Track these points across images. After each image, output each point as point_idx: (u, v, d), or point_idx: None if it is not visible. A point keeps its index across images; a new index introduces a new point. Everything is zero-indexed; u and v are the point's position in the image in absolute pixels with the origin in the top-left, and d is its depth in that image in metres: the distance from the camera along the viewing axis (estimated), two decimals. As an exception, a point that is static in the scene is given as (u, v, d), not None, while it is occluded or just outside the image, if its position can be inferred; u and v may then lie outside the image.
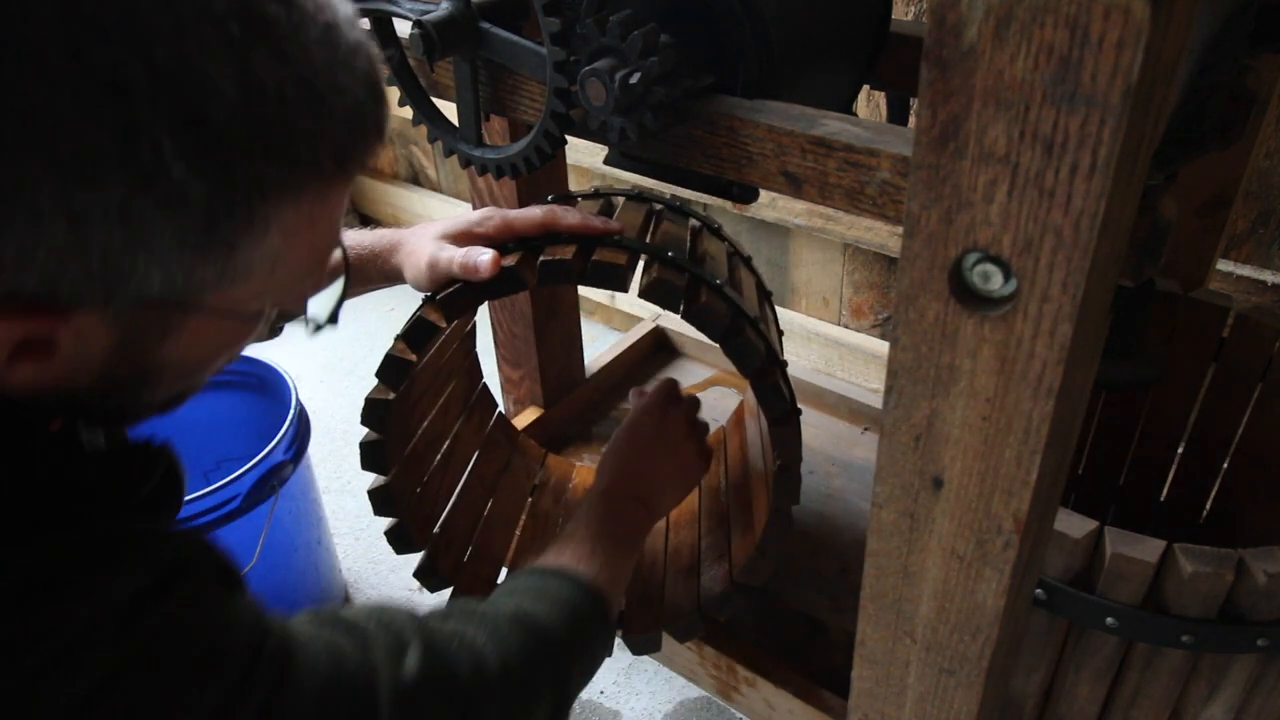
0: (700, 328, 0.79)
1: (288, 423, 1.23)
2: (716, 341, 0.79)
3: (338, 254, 0.52)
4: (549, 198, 1.01)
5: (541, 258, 0.79)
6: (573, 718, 1.30)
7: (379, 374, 0.85)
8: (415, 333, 0.84)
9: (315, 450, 1.37)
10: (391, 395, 0.86)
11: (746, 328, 0.81)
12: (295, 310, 0.50)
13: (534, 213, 0.84)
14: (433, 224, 0.87)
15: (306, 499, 1.33)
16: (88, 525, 0.43)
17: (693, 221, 0.99)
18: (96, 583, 0.41)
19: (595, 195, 0.99)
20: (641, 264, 0.82)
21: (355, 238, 0.90)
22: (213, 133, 0.37)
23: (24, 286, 0.38)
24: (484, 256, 0.80)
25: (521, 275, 0.80)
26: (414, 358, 0.84)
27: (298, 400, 1.28)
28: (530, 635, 0.65)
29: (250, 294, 0.44)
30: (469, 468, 1.10)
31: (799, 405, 0.84)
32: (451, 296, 0.81)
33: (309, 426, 1.31)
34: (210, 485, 1.16)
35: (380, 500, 0.93)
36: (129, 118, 0.35)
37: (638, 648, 0.97)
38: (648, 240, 0.86)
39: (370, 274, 0.89)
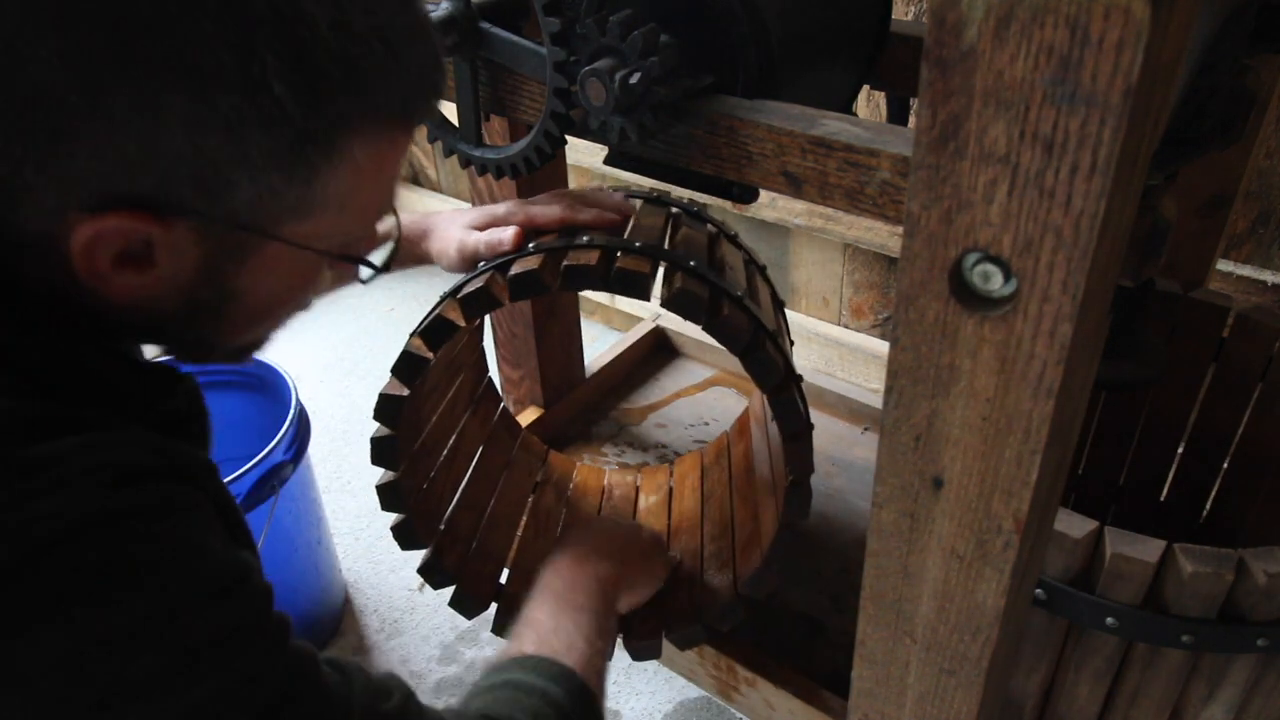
0: (722, 341, 0.78)
1: (288, 423, 1.23)
2: (737, 355, 0.79)
3: (388, 223, 0.57)
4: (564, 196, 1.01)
5: (565, 262, 0.79)
6: (573, 718, 1.30)
7: (395, 370, 0.85)
8: (434, 330, 0.83)
9: (315, 450, 1.37)
10: (406, 391, 0.86)
11: (767, 342, 0.80)
12: (356, 255, 0.55)
13: (554, 206, 0.88)
14: (461, 214, 0.91)
15: (306, 499, 1.33)
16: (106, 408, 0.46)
17: (710, 227, 0.99)
18: (95, 445, 0.43)
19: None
20: (662, 272, 0.82)
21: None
22: (312, 64, 0.42)
23: (140, 188, 0.43)
24: (507, 233, 0.84)
25: (544, 279, 0.80)
26: (431, 355, 0.84)
27: (298, 400, 1.28)
28: None
29: (320, 231, 0.49)
30: (473, 463, 1.10)
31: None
32: (472, 296, 0.81)
33: (309, 426, 1.31)
34: (210, 485, 1.16)
35: (388, 496, 0.93)
36: (249, 41, 0.41)
37: (638, 654, 0.97)
38: (667, 246, 0.86)
39: (404, 257, 0.93)
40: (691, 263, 0.81)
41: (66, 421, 0.44)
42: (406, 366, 0.84)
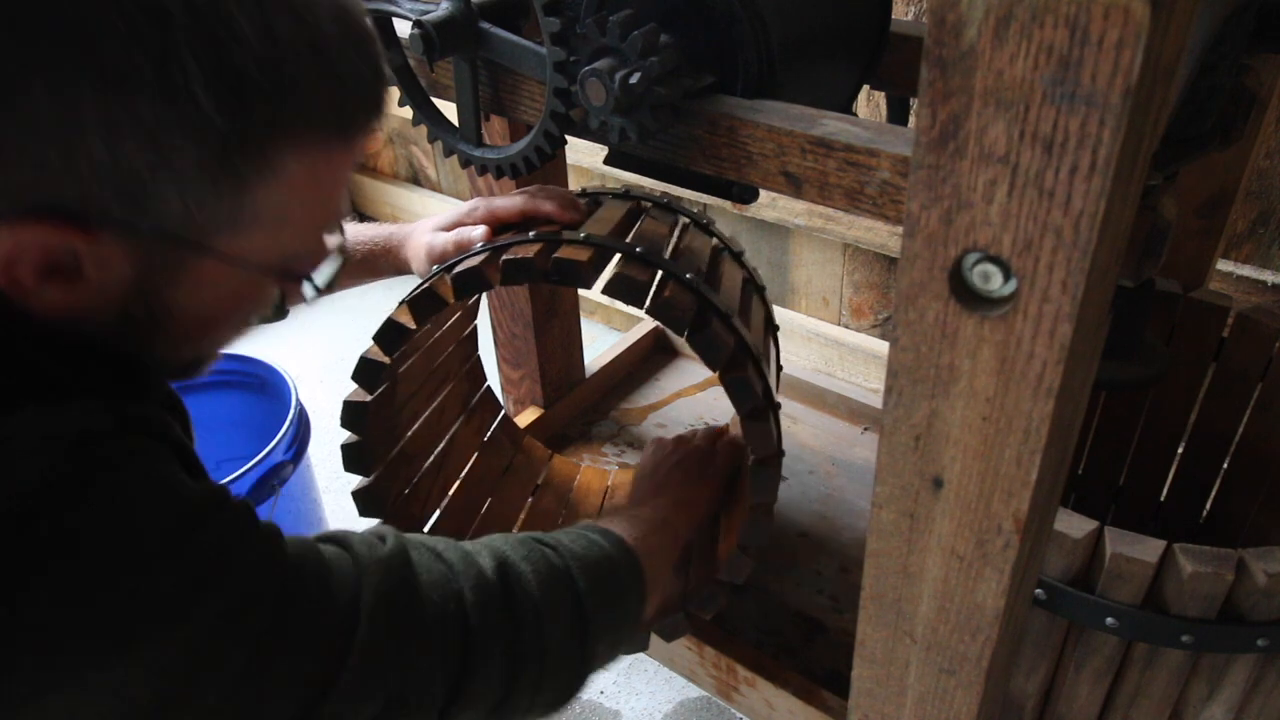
0: (665, 322, 0.78)
1: (288, 423, 1.23)
2: (680, 335, 0.78)
3: (334, 239, 0.55)
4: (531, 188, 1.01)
5: (504, 256, 0.80)
6: (573, 718, 1.30)
7: (355, 376, 0.86)
8: (386, 335, 0.84)
9: (315, 450, 1.37)
10: (368, 398, 0.87)
11: (714, 321, 0.79)
12: (297, 273, 0.54)
13: (515, 199, 0.89)
14: (429, 219, 0.94)
15: (306, 499, 1.33)
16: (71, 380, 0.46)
17: (682, 219, 0.99)
18: (54, 408, 0.43)
19: (583, 195, 1.00)
20: (615, 261, 0.82)
21: (364, 231, 0.96)
22: (234, 69, 0.41)
23: (60, 199, 0.42)
24: (475, 231, 0.86)
25: (486, 274, 0.80)
26: (387, 359, 0.85)
27: (298, 400, 1.28)
28: (542, 554, 0.65)
29: (257, 247, 0.48)
30: (466, 470, 1.10)
31: (795, 401, 0.84)
32: (418, 299, 0.82)
33: (309, 426, 1.31)
34: (210, 485, 1.16)
35: (365, 501, 0.93)
36: (165, 42, 0.40)
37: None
38: (626, 239, 0.86)
39: (381, 266, 0.96)
40: (637, 249, 0.81)
41: (23, 390, 0.43)
42: (365, 372, 0.86)
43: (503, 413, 1.21)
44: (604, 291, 0.78)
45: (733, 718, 1.27)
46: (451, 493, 1.06)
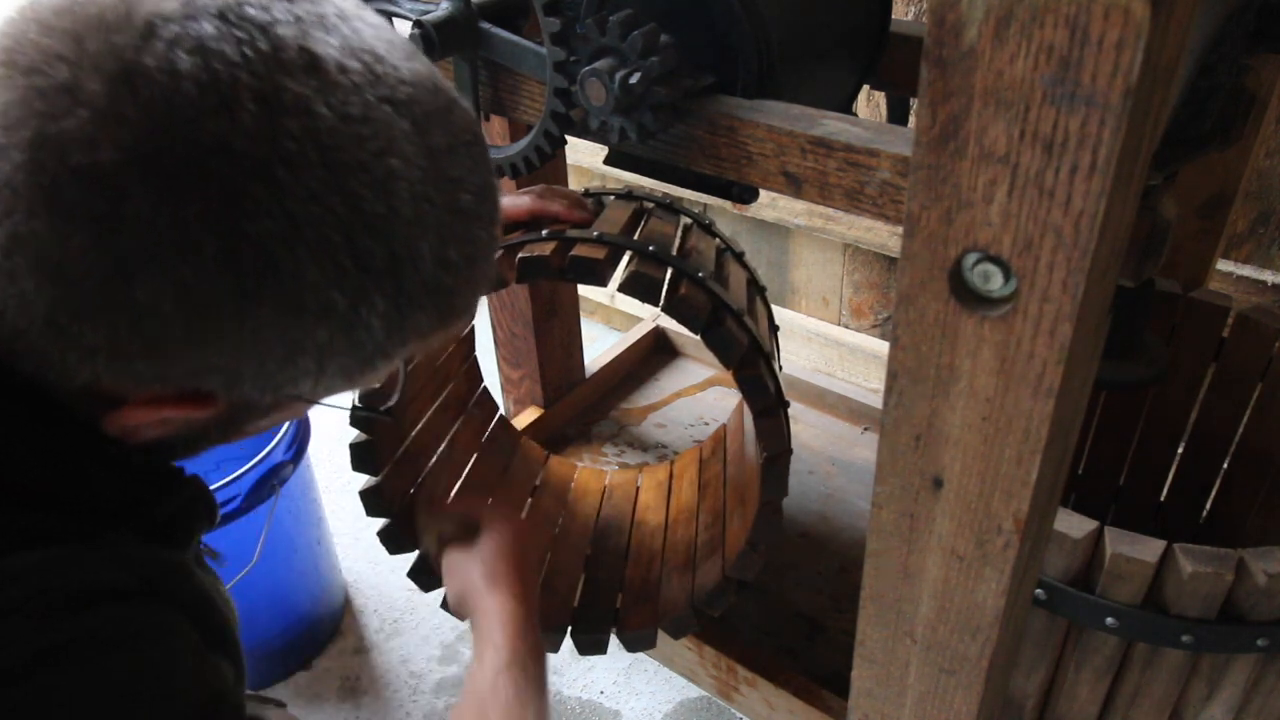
0: (680, 320, 0.78)
1: (288, 423, 1.23)
2: (696, 333, 0.79)
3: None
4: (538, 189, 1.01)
5: (520, 254, 0.80)
6: (573, 718, 1.30)
7: None
8: None
9: (315, 450, 1.37)
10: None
11: (728, 319, 0.80)
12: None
13: (523, 199, 0.89)
14: None
15: (306, 499, 1.33)
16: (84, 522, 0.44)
17: (684, 219, 0.99)
18: (54, 563, 0.42)
19: (586, 195, 0.99)
20: (626, 259, 0.82)
21: None
22: (408, 296, 0.44)
23: (208, 386, 0.43)
24: None
25: (501, 272, 0.80)
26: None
27: (298, 400, 1.28)
28: None
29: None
30: (466, 471, 1.10)
31: (795, 401, 0.84)
32: None
33: (309, 426, 1.31)
34: (210, 485, 1.16)
35: (371, 501, 0.93)
36: (363, 283, 0.42)
37: (632, 645, 0.97)
38: (634, 237, 0.86)
39: None
40: (650, 248, 0.82)
41: (32, 532, 0.42)
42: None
43: (499, 413, 1.21)
44: (620, 289, 0.78)
45: (733, 718, 1.27)
46: (453, 495, 1.06)
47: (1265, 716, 0.80)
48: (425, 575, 0.98)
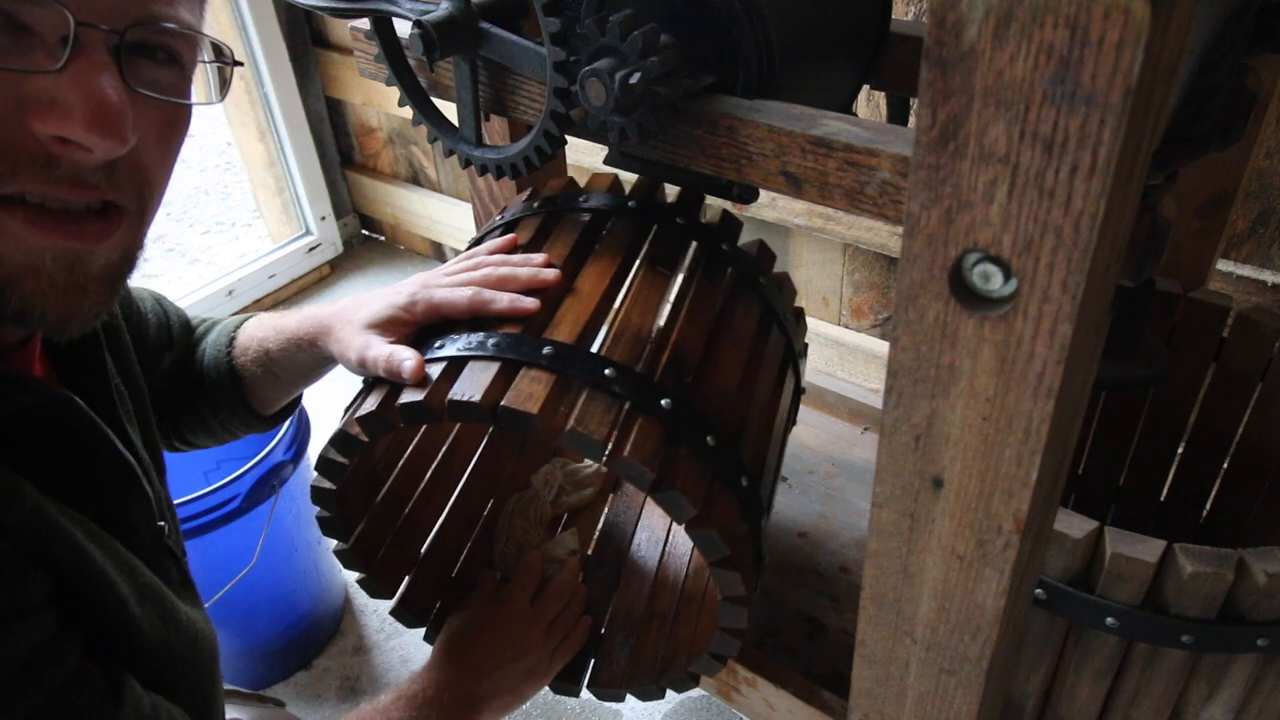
0: (628, 480, 0.68)
1: (287, 422, 1.23)
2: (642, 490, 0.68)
3: None
4: (497, 217, 0.96)
5: (449, 397, 0.70)
6: (573, 718, 1.30)
7: (318, 468, 0.80)
8: (341, 443, 0.78)
9: (315, 450, 1.37)
10: (333, 485, 0.82)
11: (677, 480, 0.68)
12: None
13: (461, 295, 0.77)
14: (360, 308, 0.80)
15: (306, 499, 1.33)
16: None
17: (681, 273, 0.85)
18: None
19: (551, 203, 0.92)
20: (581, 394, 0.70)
21: (280, 324, 0.87)
22: None
23: None
24: (408, 363, 0.72)
25: (437, 406, 0.71)
26: (346, 460, 0.79)
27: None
28: None
29: None
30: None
31: (800, 404, 0.82)
32: (369, 417, 0.74)
33: (309, 426, 1.31)
34: (210, 485, 1.16)
35: (348, 561, 0.92)
36: None
37: (602, 698, 0.97)
38: (600, 350, 0.74)
39: (304, 362, 0.87)
40: (606, 371, 0.70)
41: None
42: (329, 469, 0.80)
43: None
44: (564, 442, 0.68)
45: (733, 718, 1.27)
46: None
47: (1265, 716, 0.80)
48: (407, 614, 0.97)
